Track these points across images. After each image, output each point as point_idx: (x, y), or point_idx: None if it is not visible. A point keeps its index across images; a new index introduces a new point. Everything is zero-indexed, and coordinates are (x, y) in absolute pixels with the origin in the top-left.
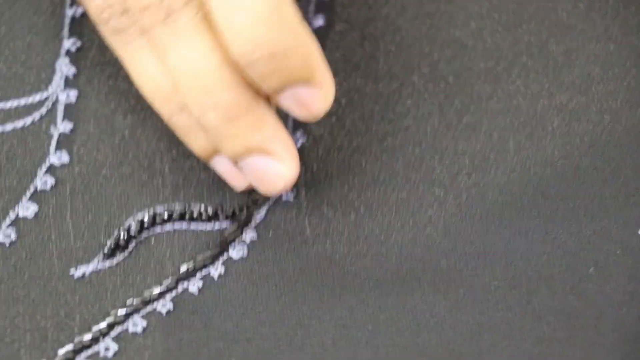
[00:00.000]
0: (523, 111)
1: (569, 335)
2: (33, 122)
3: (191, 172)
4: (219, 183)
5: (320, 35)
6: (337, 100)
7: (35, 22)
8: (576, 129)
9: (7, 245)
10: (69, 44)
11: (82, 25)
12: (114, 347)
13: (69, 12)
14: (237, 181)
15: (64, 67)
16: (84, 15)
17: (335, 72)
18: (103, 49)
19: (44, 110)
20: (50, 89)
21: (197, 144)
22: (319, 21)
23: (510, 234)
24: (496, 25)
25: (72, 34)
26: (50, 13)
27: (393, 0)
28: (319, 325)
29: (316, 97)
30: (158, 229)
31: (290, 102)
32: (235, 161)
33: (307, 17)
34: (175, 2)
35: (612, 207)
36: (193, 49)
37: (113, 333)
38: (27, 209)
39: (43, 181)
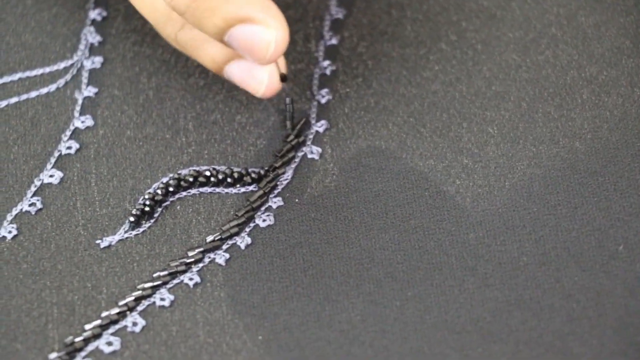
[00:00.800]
0: (552, 81)
1: (599, 314)
2: (58, 88)
3: (215, 127)
4: (244, 141)
5: (347, 2)
6: (363, 62)
7: None
8: (606, 102)
9: (34, 213)
10: (94, 14)
11: None
12: (141, 322)
13: None
14: (255, 85)
15: (90, 36)
16: None
17: (362, 37)
18: (128, 17)
19: (68, 76)
20: (75, 57)
21: (206, 56)
22: None
23: (538, 208)
24: None
25: (97, 4)
26: None
27: None
28: (346, 300)
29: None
30: (183, 194)
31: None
32: (222, 40)
33: None
34: None
35: None
36: None
37: (140, 307)
38: (52, 175)
39: (68, 146)
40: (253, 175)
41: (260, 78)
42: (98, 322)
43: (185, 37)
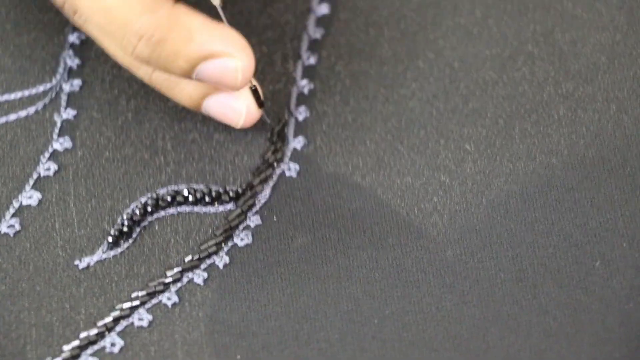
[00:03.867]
0: (529, 98)
1: (576, 330)
2: (37, 111)
3: (193, 145)
4: (222, 159)
5: (325, 23)
6: (340, 80)
7: (41, 19)
8: (582, 118)
9: (12, 235)
10: (73, 37)
11: None
12: (119, 342)
13: None
14: (234, 117)
15: (68, 59)
16: None
17: (339, 56)
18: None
19: (47, 99)
20: (54, 80)
21: (182, 94)
22: (324, 9)
23: (515, 225)
24: (501, 14)
25: (76, 28)
26: (55, 10)
27: None
28: (324, 319)
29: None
30: (162, 213)
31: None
32: (190, 77)
33: (311, 5)
34: None
35: (618, 198)
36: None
37: (119, 327)
38: (30, 197)
39: (46, 167)
40: (231, 193)
41: (239, 109)
42: (76, 342)
43: (159, 78)
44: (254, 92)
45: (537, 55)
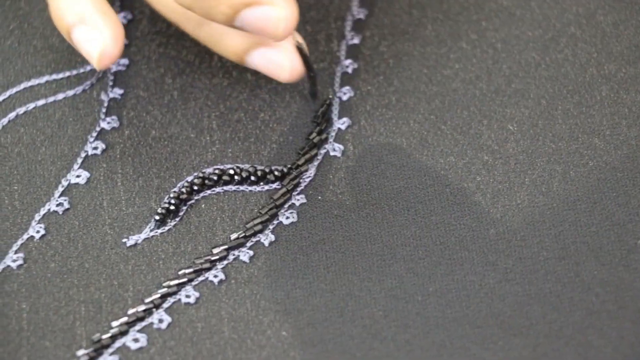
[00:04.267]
0: (571, 79)
1: (618, 307)
2: (84, 90)
3: (238, 125)
4: (267, 139)
5: (368, 3)
6: (384, 60)
7: None
8: (624, 99)
9: (61, 213)
10: (120, 17)
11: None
12: (167, 319)
13: None
14: (278, 71)
15: None
16: None
17: (383, 37)
18: (153, 20)
19: (94, 79)
20: None
21: (227, 47)
22: None
23: (558, 204)
24: None
25: (123, 7)
26: None
27: None
28: (369, 296)
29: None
30: (208, 192)
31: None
32: (233, 25)
33: None
34: None
35: None
36: None
37: (166, 304)
38: (79, 175)
39: (94, 146)
40: (276, 173)
41: (283, 63)
42: (125, 319)
43: (204, 31)
44: (300, 50)
45: (580, 36)
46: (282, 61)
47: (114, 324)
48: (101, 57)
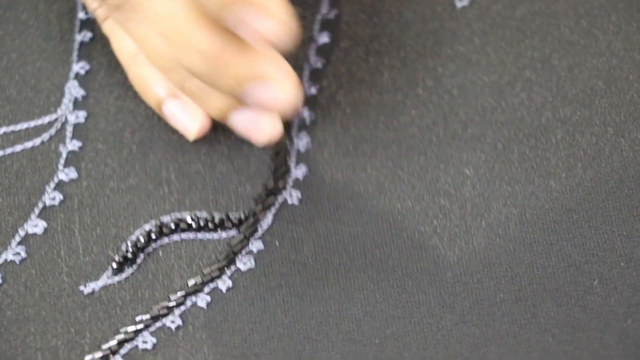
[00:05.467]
0: (527, 123)
1: (575, 347)
2: (42, 142)
3: (197, 178)
4: (225, 188)
5: (326, 51)
6: (341, 109)
7: (45, 48)
8: (580, 142)
9: (18, 262)
10: (77, 67)
11: (91, 49)
12: None
13: (78, 37)
14: (259, 134)
15: (73, 90)
16: (93, 39)
17: (340, 85)
18: (111, 71)
19: (53, 130)
20: (60, 111)
21: (211, 105)
22: (325, 38)
23: (514, 246)
24: (499, 41)
25: (80, 58)
26: (59, 39)
27: (397, 18)
28: (326, 339)
29: (259, 18)
30: (165, 240)
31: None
32: (238, 97)
33: (312, 34)
34: None
35: (615, 219)
36: (169, 7)
37: (123, 350)
38: (36, 225)
39: (51, 197)
40: (234, 220)
41: (264, 127)
42: None
43: (192, 87)
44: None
45: (535, 81)
46: (264, 124)
47: None
48: (200, 132)
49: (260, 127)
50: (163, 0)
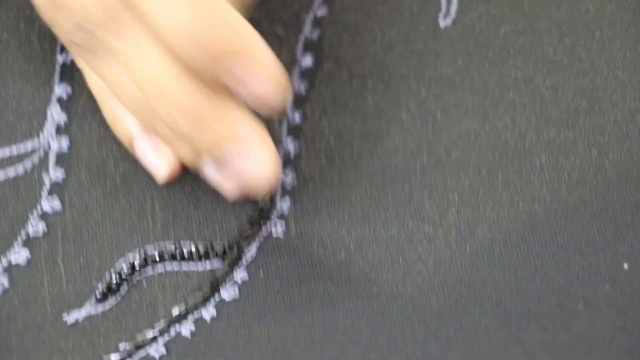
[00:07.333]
0: (511, 147)
1: None
2: (25, 171)
3: (181, 209)
4: (209, 220)
5: (309, 74)
6: (326, 138)
7: (26, 70)
8: (564, 164)
9: (1, 292)
10: (59, 90)
11: (73, 72)
12: None
13: (60, 59)
14: (228, 186)
15: (55, 115)
16: (74, 61)
17: (324, 111)
18: (93, 95)
19: (36, 159)
20: (42, 137)
21: (182, 151)
22: (308, 61)
23: (499, 271)
24: (483, 62)
25: (62, 80)
26: (41, 60)
27: (380, 40)
28: None
29: (254, 74)
30: (149, 271)
31: (231, 81)
32: (218, 161)
33: (295, 56)
34: (118, 14)
35: (600, 242)
36: (148, 58)
37: None
38: (19, 255)
39: (35, 227)
40: (218, 250)
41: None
42: None
43: (163, 131)
44: None
45: (519, 102)
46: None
47: None
48: (170, 175)
49: (228, 182)
50: (142, 48)
